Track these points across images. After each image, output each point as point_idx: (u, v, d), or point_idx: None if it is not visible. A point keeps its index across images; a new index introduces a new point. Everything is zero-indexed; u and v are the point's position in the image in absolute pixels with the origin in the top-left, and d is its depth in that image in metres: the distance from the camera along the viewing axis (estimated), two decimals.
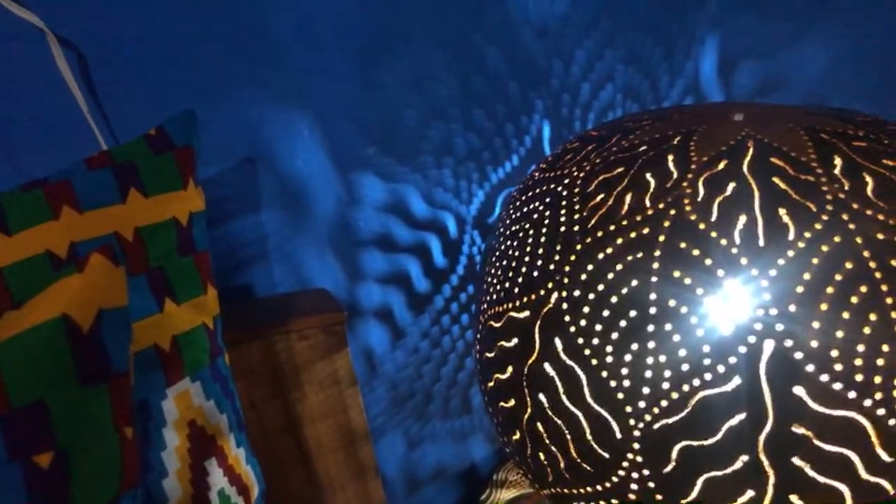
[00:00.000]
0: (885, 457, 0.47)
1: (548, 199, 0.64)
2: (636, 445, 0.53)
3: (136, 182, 0.54)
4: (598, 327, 0.54)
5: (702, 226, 0.52)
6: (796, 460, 0.48)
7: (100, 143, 0.68)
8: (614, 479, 0.55)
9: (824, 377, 0.47)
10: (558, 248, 0.59)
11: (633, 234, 0.54)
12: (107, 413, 0.37)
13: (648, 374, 0.52)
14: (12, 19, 0.63)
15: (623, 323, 0.53)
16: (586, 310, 0.55)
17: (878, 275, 0.48)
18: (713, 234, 0.51)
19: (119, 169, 0.53)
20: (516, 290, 0.62)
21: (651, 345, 0.52)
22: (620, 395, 0.53)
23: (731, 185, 0.53)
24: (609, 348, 0.53)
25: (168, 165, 0.56)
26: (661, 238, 0.53)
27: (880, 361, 0.47)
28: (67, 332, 0.36)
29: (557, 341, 0.57)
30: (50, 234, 0.49)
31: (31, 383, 0.35)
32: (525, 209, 0.67)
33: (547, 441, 0.60)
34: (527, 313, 0.60)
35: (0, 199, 0.49)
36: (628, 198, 0.56)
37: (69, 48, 0.67)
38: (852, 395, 0.47)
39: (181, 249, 0.56)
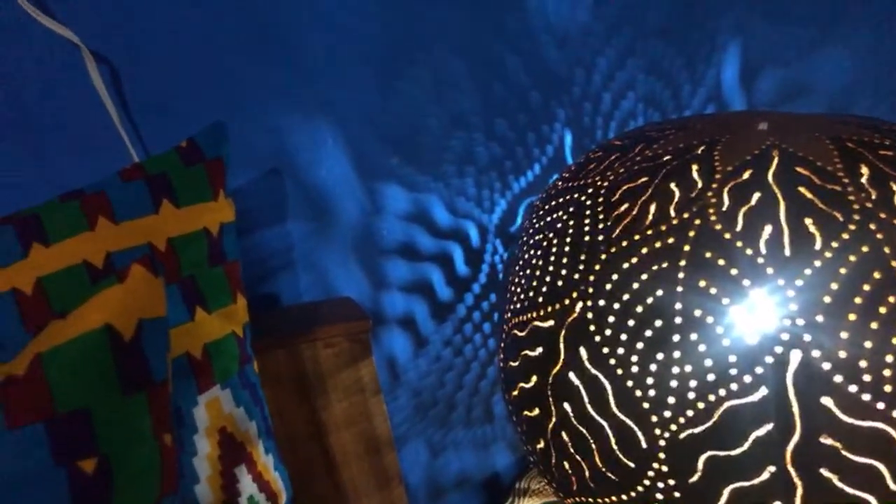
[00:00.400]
0: None
1: (571, 209, 0.64)
2: (662, 455, 0.53)
3: (168, 193, 0.55)
4: (624, 337, 0.54)
5: (727, 235, 0.52)
6: (824, 471, 0.48)
7: (131, 154, 0.70)
8: (639, 488, 0.55)
9: (853, 388, 0.47)
10: (583, 257, 0.59)
11: (657, 244, 0.54)
12: (147, 420, 0.38)
13: (674, 383, 0.52)
14: (49, 34, 0.65)
15: (648, 332, 0.53)
16: (611, 319, 0.55)
17: None
18: (738, 244, 0.51)
19: (152, 180, 0.55)
20: (540, 299, 0.63)
21: (676, 354, 0.52)
22: (646, 405, 0.53)
23: (757, 195, 0.53)
24: (634, 358, 0.54)
25: (199, 177, 0.57)
26: (687, 248, 0.53)
27: None
28: (110, 341, 0.37)
29: (582, 350, 0.57)
30: (87, 244, 0.50)
31: (76, 390, 0.36)
32: (548, 218, 0.67)
33: (572, 450, 0.60)
34: (551, 322, 0.61)
35: (39, 211, 0.51)
36: (653, 207, 0.57)
37: (102, 62, 0.68)
38: (881, 405, 0.46)
39: (212, 259, 0.57)
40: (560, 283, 0.61)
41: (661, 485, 0.54)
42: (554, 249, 0.63)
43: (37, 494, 0.34)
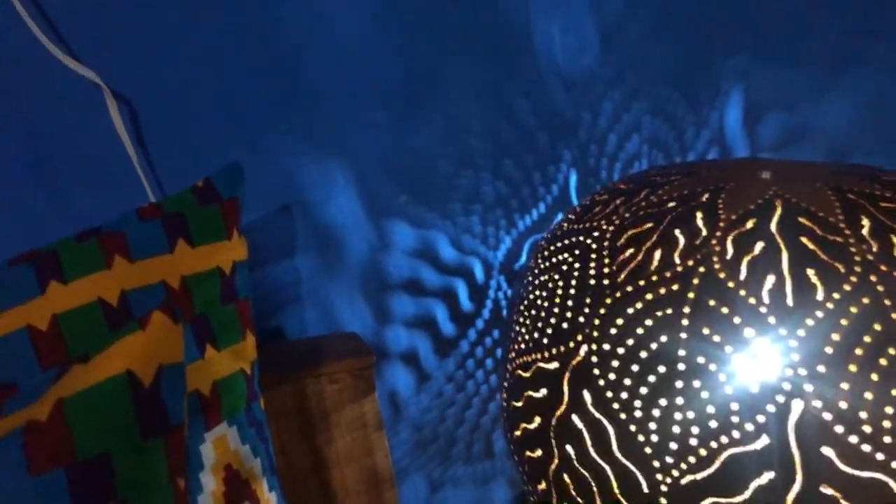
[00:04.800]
0: None
1: (577, 251, 0.65)
2: (663, 500, 0.53)
3: (183, 232, 0.56)
4: (628, 381, 0.55)
5: (731, 284, 0.53)
6: None
7: (146, 191, 0.71)
8: None
9: (853, 438, 0.47)
10: (588, 300, 0.60)
11: (662, 290, 0.55)
12: (163, 465, 0.38)
13: (676, 429, 0.52)
14: (70, 74, 0.66)
15: (652, 378, 0.53)
16: (615, 364, 0.56)
17: None
18: (742, 293, 0.52)
19: (168, 220, 0.56)
20: (545, 340, 0.63)
21: (680, 400, 0.52)
22: (648, 450, 0.53)
23: (760, 244, 0.54)
24: (638, 403, 0.54)
25: (214, 216, 0.58)
26: (691, 295, 0.54)
27: None
28: (131, 387, 0.37)
29: (586, 394, 0.57)
30: (103, 282, 0.51)
31: (97, 437, 0.36)
32: (554, 259, 0.68)
33: (573, 493, 0.60)
34: (556, 364, 0.61)
35: (57, 248, 0.52)
36: (657, 254, 0.57)
37: (122, 101, 0.70)
38: (881, 456, 0.47)
39: (224, 297, 0.58)
40: (565, 325, 0.61)
41: None
42: (559, 291, 0.64)
43: None
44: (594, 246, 0.63)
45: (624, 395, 0.55)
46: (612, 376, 0.56)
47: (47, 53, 0.65)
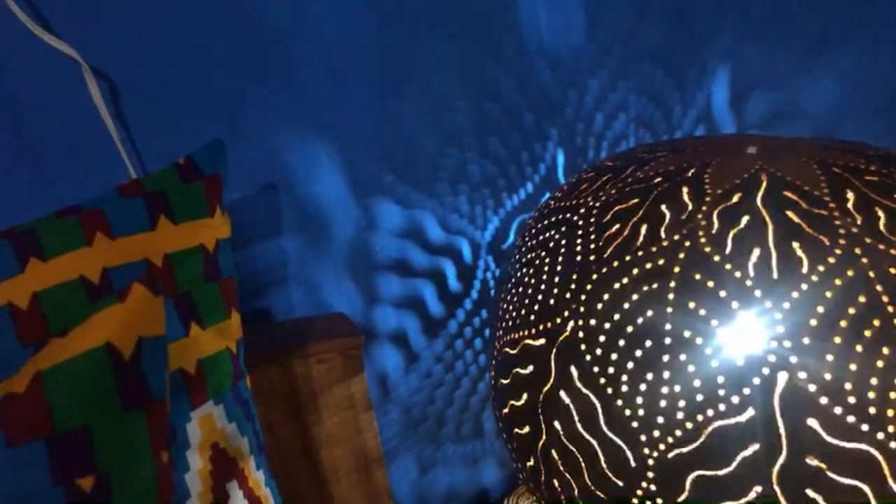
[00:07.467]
0: None
1: (564, 228, 0.65)
2: (650, 474, 0.54)
3: (165, 210, 0.56)
4: (614, 356, 0.55)
5: (716, 258, 0.53)
6: (810, 492, 0.48)
7: (128, 169, 0.70)
8: None
9: (838, 409, 0.48)
10: (574, 277, 0.60)
11: (648, 265, 0.55)
12: (145, 438, 0.38)
13: (663, 403, 0.52)
14: (49, 50, 0.65)
15: (638, 352, 0.54)
16: (602, 339, 0.56)
17: (890, 309, 0.48)
18: (727, 267, 0.52)
19: (150, 197, 0.55)
20: (532, 317, 0.63)
21: (666, 374, 0.52)
22: (635, 424, 0.54)
23: (745, 218, 0.54)
24: (624, 377, 0.54)
25: (196, 194, 0.58)
26: (676, 269, 0.54)
27: (893, 394, 0.47)
28: (110, 360, 0.37)
29: (573, 369, 0.58)
30: (84, 260, 0.50)
31: (76, 409, 0.36)
32: (541, 237, 0.68)
33: (561, 468, 0.61)
34: (543, 341, 0.61)
35: (36, 227, 0.51)
36: (643, 229, 0.57)
37: (102, 78, 0.69)
38: (865, 427, 0.47)
39: (207, 275, 0.57)
40: (552, 301, 0.62)
41: (649, 503, 0.54)
42: (546, 268, 0.64)
43: None
44: (580, 222, 0.63)
45: (611, 370, 0.55)
46: (598, 351, 0.56)
47: (26, 30, 0.64)
